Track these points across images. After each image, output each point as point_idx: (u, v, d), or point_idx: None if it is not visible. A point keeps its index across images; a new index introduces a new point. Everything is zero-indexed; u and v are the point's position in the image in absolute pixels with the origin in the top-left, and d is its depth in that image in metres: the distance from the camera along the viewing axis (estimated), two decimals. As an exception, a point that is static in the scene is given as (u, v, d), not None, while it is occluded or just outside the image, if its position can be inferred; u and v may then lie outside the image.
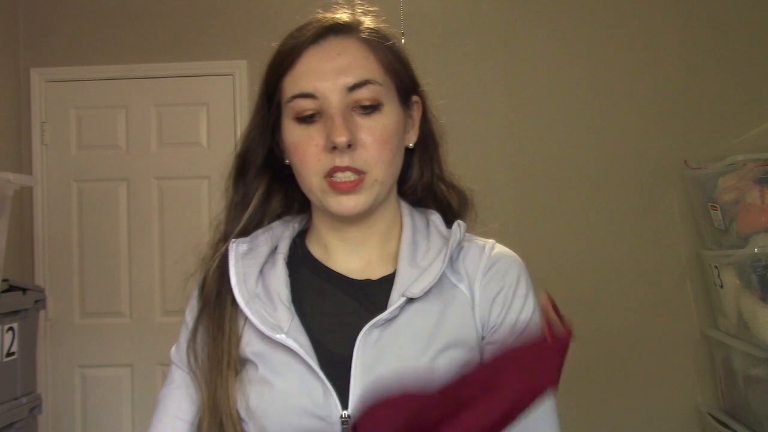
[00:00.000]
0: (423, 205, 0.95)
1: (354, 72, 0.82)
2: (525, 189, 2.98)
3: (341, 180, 0.82)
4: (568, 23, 3.02)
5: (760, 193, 2.46)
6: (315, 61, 0.83)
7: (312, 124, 0.83)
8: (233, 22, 3.05)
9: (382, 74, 0.85)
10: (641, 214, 2.95)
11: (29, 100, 3.07)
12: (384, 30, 0.88)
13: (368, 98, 0.82)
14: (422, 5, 2.99)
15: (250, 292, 0.85)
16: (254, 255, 0.88)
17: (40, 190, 3.06)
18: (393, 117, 0.85)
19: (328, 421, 0.79)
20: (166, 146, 3.07)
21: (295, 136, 0.84)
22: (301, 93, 0.82)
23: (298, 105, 0.83)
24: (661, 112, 2.96)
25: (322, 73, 0.82)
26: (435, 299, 0.83)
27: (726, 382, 2.75)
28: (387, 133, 0.84)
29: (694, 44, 2.97)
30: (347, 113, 0.82)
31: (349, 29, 0.85)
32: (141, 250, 3.05)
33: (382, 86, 0.84)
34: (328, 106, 0.81)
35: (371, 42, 0.85)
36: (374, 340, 0.81)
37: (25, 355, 2.26)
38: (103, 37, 3.09)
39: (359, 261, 0.89)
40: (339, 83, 0.81)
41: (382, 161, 0.83)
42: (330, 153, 0.81)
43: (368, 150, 0.82)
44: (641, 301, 2.93)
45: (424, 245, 0.88)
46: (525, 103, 3.01)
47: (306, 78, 0.82)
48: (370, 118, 0.83)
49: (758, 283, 2.41)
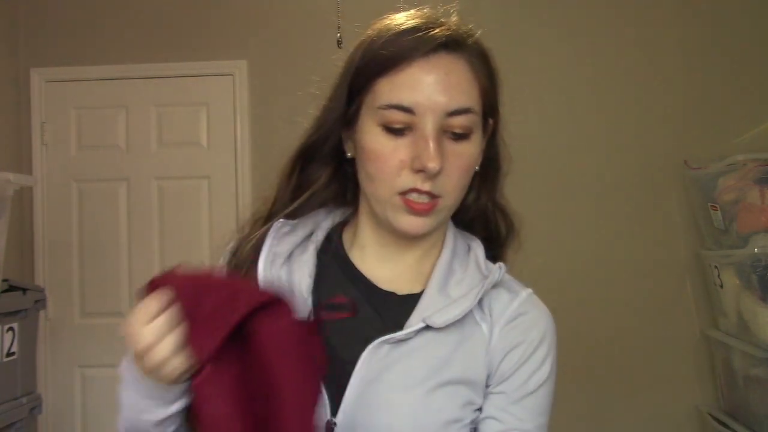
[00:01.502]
0: (471, 228, 0.92)
1: (457, 96, 0.79)
2: (525, 189, 2.96)
3: (417, 201, 0.79)
4: (568, 23, 3.02)
5: (760, 193, 2.46)
6: (421, 75, 0.78)
7: (400, 137, 0.79)
8: (233, 22, 3.05)
9: (478, 101, 0.82)
10: (641, 214, 2.95)
11: (29, 100, 3.07)
12: (489, 51, 0.85)
13: (463, 126, 0.80)
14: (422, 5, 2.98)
15: (274, 275, 0.83)
16: (290, 239, 0.86)
17: (40, 190, 3.06)
18: (478, 145, 0.83)
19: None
20: (166, 146, 3.07)
21: (379, 144, 0.80)
22: (399, 105, 0.78)
23: (391, 115, 0.79)
24: (661, 112, 2.96)
25: (426, 90, 0.78)
26: (454, 331, 0.80)
27: (726, 382, 2.75)
28: (471, 162, 0.82)
29: (694, 44, 2.97)
30: (441, 137, 0.79)
31: (460, 48, 0.82)
32: (141, 250, 3.04)
33: (477, 115, 0.81)
34: (423, 126, 0.78)
35: (477, 65, 0.82)
36: (382, 355, 0.79)
37: (25, 355, 2.26)
38: (103, 37, 3.09)
39: (390, 271, 0.87)
40: (440, 104, 0.78)
41: (458, 188, 0.82)
42: (414, 174, 0.78)
43: (450, 178, 0.80)
44: (641, 301, 2.93)
45: (459, 274, 0.85)
46: (524, 103, 3.01)
47: (407, 90, 0.78)
48: (459, 144, 0.80)
49: (758, 283, 2.41)
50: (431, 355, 0.79)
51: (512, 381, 0.81)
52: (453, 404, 0.79)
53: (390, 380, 0.78)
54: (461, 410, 0.79)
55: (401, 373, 0.78)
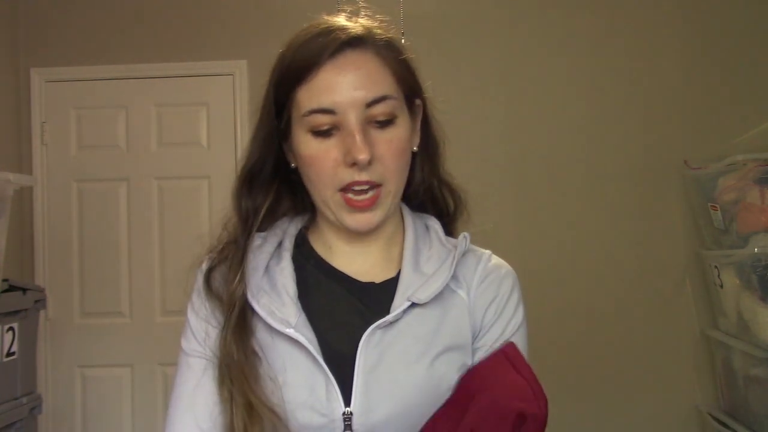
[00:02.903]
0: (423, 209, 0.97)
1: (371, 88, 0.83)
2: (524, 189, 2.98)
3: (358, 198, 0.84)
4: (568, 23, 3.02)
5: (760, 193, 2.46)
6: (333, 76, 0.83)
7: (328, 138, 0.84)
8: (233, 22, 3.05)
9: (395, 86, 0.86)
10: (641, 215, 2.95)
11: (29, 100, 3.07)
12: (395, 40, 0.89)
13: (384, 113, 0.84)
14: (422, 5, 2.99)
15: (256, 286, 0.86)
16: (263, 250, 0.90)
17: (40, 190, 3.06)
18: (405, 127, 0.87)
19: (329, 417, 0.80)
20: (166, 146, 3.07)
21: (311, 149, 0.85)
22: (319, 108, 0.83)
23: (315, 119, 0.83)
24: (661, 112, 2.96)
25: (341, 89, 0.82)
26: (436, 304, 0.86)
27: (726, 382, 2.75)
28: (402, 145, 0.86)
29: (694, 44, 2.97)
30: (365, 128, 0.83)
31: (364, 43, 0.85)
32: (141, 250, 3.05)
33: (396, 99, 0.85)
34: (347, 122, 0.82)
35: (385, 55, 0.86)
36: (377, 341, 0.83)
37: (25, 355, 2.26)
38: (103, 37, 3.09)
39: (362, 264, 0.91)
40: (358, 99, 0.82)
41: (397, 172, 0.86)
42: (349, 168, 0.83)
43: (385, 163, 0.84)
44: (641, 301, 2.93)
45: (426, 251, 0.91)
46: (524, 103, 3.01)
47: (323, 93, 0.83)
48: (385, 131, 0.84)
49: (758, 283, 2.41)
50: (421, 330, 0.85)
51: (493, 331, 0.88)
52: (451, 370, 0.84)
53: (390, 362, 0.82)
54: (458, 374, 0.85)
55: (399, 353, 0.83)
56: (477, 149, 2.92)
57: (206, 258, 0.92)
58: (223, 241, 0.92)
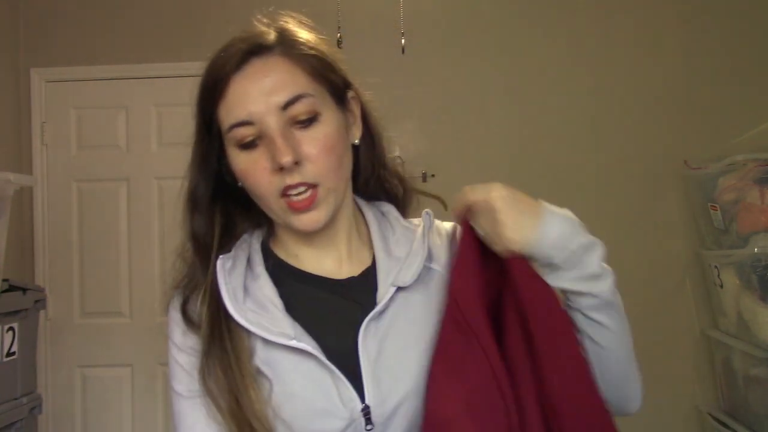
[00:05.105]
0: (376, 199, 0.98)
1: (283, 90, 0.82)
2: (524, 188, 2.96)
3: (296, 200, 0.82)
4: (568, 23, 3.02)
5: (760, 193, 2.46)
6: (242, 87, 0.83)
7: (255, 148, 0.83)
8: (233, 22, 3.05)
9: (311, 84, 0.84)
10: (641, 214, 2.95)
11: (29, 100, 3.07)
12: (309, 39, 0.88)
13: (304, 112, 0.82)
14: (422, 5, 2.99)
15: (242, 308, 0.84)
16: (236, 270, 0.88)
17: (40, 190, 3.06)
18: (332, 123, 0.85)
19: (350, 417, 0.80)
20: (166, 146, 3.07)
21: (241, 163, 0.84)
22: (237, 122, 0.82)
23: (237, 133, 0.83)
24: (662, 112, 2.96)
25: (253, 98, 0.82)
26: (418, 285, 0.88)
27: (726, 382, 2.75)
28: (330, 141, 0.84)
29: (694, 44, 2.97)
30: (287, 131, 0.82)
31: (270, 48, 0.85)
32: (141, 250, 3.05)
33: (314, 96, 0.84)
34: (266, 129, 0.81)
35: (293, 55, 0.85)
36: (372, 333, 0.84)
37: (25, 355, 2.26)
38: (103, 37, 3.09)
39: (332, 263, 0.91)
40: (271, 104, 0.81)
41: (331, 169, 0.84)
42: (279, 174, 0.81)
43: (315, 162, 0.82)
44: (641, 301, 2.92)
45: (392, 236, 0.93)
46: (525, 103, 3.01)
47: (238, 106, 0.82)
48: (309, 130, 0.83)
49: (758, 283, 2.41)
50: (411, 313, 0.86)
51: None
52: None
53: (392, 350, 0.84)
54: None
55: (397, 339, 0.84)
56: (477, 148, 2.92)
57: (175, 293, 0.91)
58: (184, 272, 0.91)
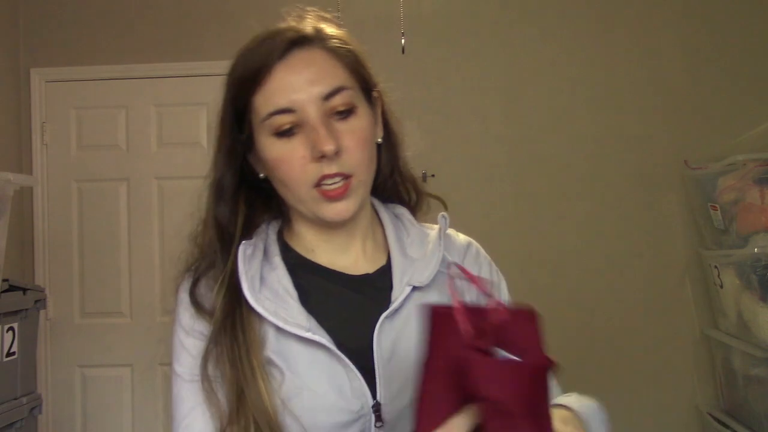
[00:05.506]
0: (388, 201, 0.99)
1: (325, 81, 0.84)
2: (524, 188, 2.98)
3: (331, 188, 0.83)
4: (568, 23, 3.02)
5: (760, 193, 2.46)
6: (286, 76, 0.84)
7: (292, 137, 0.84)
8: (233, 22, 3.05)
9: (350, 79, 0.87)
10: (641, 214, 2.95)
11: (29, 100, 3.07)
12: (344, 35, 0.90)
13: (342, 104, 0.84)
14: (422, 5, 2.99)
15: (259, 296, 0.84)
16: (255, 259, 0.88)
17: (40, 190, 3.06)
18: (367, 117, 0.88)
19: (360, 412, 0.81)
20: (166, 146, 3.07)
21: (276, 151, 0.85)
22: (277, 109, 0.83)
23: (276, 121, 0.83)
24: (662, 112, 2.97)
25: (296, 87, 0.83)
26: (433, 287, 0.89)
27: (726, 382, 2.75)
28: (366, 134, 0.86)
29: (694, 44, 2.97)
30: (327, 121, 0.83)
31: (312, 40, 0.87)
32: (141, 250, 3.05)
33: (352, 90, 0.86)
34: (307, 118, 0.83)
35: (335, 49, 0.87)
36: (387, 331, 0.84)
37: (25, 355, 2.26)
38: (103, 37, 3.09)
39: (347, 259, 0.92)
40: (314, 94, 0.83)
41: (364, 162, 0.86)
42: (317, 162, 0.82)
43: (352, 153, 0.84)
44: (641, 301, 2.93)
45: (406, 237, 0.94)
46: (525, 103, 3.01)
47: (279, 94, 0.83)
48: (348, 122, 0.85)
49: (758, 283, 2.41)
50: None
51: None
52: None
53: (405, 349, 0.84)
54: None
55: (410, 339, 0.84)
56: (477, 148, 2.92)
57: (186, 275, 0.90)
58: (198, 256, 0.91)
